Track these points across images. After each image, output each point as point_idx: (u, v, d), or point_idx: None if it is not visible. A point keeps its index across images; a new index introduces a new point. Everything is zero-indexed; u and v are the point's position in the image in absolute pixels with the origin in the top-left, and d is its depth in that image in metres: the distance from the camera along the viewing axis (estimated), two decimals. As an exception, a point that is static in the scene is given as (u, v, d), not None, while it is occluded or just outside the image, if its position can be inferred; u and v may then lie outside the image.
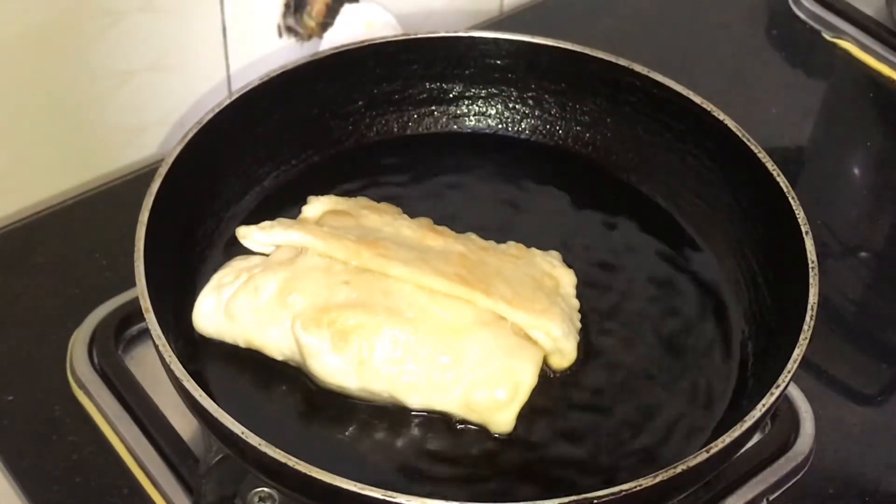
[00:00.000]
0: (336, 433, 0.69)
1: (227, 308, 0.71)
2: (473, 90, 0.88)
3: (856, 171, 1.01)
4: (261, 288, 0.70)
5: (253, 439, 0.60)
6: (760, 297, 0.76)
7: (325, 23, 0.97)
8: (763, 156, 0.76)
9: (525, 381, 0.69)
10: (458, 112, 0.88)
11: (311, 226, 0.74)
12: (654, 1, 1.14)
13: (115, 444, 0.73)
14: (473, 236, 0.77)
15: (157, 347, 0.64)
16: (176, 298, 0.72)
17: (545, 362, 0.71)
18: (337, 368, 0.68)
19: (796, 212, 0.73)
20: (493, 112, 0.88)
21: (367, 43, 0.84)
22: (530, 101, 0.88)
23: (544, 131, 0.88)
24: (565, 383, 0.72)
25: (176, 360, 0.63)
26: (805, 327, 0.66)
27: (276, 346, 0.71)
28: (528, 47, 0.85)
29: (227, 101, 0.78)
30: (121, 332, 0.77)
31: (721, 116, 0.79)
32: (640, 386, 0.72)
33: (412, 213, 0.78)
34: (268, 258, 0.73)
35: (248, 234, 0.74)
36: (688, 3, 1.13)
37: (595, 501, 0.58)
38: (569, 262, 0.77)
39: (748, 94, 1.02)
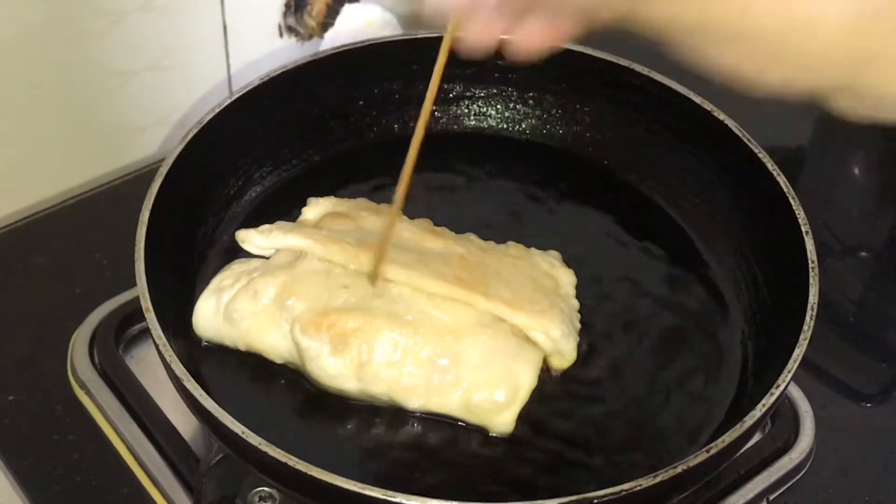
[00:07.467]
0: (336, 432, 0.69)
1: (226, 312, 0.71)
2: (473, 90, 0.88)
3: (856, 171, 1.01)
4: (260, 292, 0.70)
5: (253, 439, 0.60)
6: (760, 297, 0.76)
7: (326, 23, 0.97)
8: (763, 156, 0.76)
9: (525, 383, 0.69)
10: (458, 112, 0.89)
11: (310, 230, 0.74)
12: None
13: (116, 444, 0.73)
14: (473, 237, 0.77)
15: (157, 347, 0.64)
16: (176, 298, 0.72)
17: (545, 363, 0.71)
18: (337, 371, 0.68)
19: (796, 212, 0.73)
20: (493, 112, 0.89)
21: (367, 43, 0.84)
22: (530, 101, 0.88)
23: (544, 131, 0.88)
24: (565, 384, 0.72)
25: (176, 359, 0.63)
26: (805, 327, 0.66)
27: (276, 349, 0.71)
28: (529, 47, 0.85)
29: (228, 101, 0.78)
30: (121, 331, 0.77)
31: (721, 116, 0.79)
32: (639, 386, 0.72)
33: (412, 214, 0.78)
34: (267, 261, 0.73)
35: (247, 238, 0.74)
36: (688, 3, 1.13)
37: (595, 501, 0.58)
38: (568, 263, 0.77)
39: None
